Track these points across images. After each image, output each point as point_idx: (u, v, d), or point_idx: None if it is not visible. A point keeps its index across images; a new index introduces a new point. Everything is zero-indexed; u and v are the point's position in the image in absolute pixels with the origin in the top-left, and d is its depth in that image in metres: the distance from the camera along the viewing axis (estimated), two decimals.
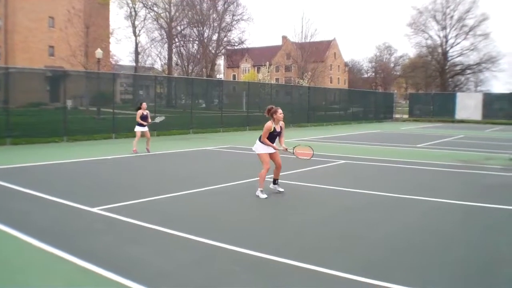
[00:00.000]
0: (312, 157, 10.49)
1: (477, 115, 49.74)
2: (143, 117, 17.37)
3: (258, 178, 9.89)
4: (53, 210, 8.43)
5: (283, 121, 9.98)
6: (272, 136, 9.85)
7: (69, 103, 24.60)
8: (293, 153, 10.37)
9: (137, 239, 6.71)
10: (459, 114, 50.49)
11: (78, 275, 5.33)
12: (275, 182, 10.31)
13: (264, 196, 9.62)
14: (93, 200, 9.04)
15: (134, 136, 17.44)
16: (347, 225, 7.79)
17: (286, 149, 9.98)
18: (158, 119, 18.41)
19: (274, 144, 9.90)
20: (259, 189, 9.78)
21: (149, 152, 17.30)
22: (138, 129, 17.38)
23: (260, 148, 9.94)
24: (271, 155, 9.98)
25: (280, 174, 10.37)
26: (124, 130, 24.07)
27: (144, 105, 17.64)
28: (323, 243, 6.74)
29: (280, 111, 9.84)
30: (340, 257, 6.09)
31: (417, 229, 7.59)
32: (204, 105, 35.98)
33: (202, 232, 6.96)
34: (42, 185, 10.61)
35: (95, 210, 8.29)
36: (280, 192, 10.15)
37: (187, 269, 5.54)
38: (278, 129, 9.85)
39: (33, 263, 5.79)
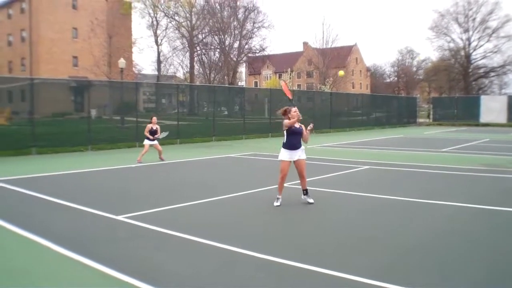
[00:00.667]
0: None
1: (502, 118, 49.04)
2: (152, 132, 17.27)
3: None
4: (77, 218, 8.53)
5: (300, 122, 9.62)
6: (294, 135, 9.49)
7: (93, 112, 24.91)
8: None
9: (160, 246, 6.76)
10: (484, 118, 49.86)
11: (102, 282, 5.39)
12: (304, 193, 9.82)
13: (277, 204, 9.44)
14: (117, 208, 9.14)
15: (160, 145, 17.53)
16: (368, 230, 7.75)
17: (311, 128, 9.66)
18: (162, 135, 18.32)
19: (301, 147, 9.61)
20: (277, 196, 9.65)
21: (164, 160, 17.38)
22: (146, 142, 17.29)
23: (281, 155, 9.60)
24: (295, 163, 9.58)
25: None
26: None
27: (155, 119, 17.58)
28: (345, 248, 6.73)
29: (294, 109, 9.46)
30: (361, 263, 6.06)
31: (439, 233, 7.51)
32: (226, 113, 36.11)
33: (224, 238, 6.99)
34: (67, 194, 10.74)
35: (119, 218, 8.38)
36: (310, 203, 9.66)
37: (210, 276, 5.58)
38: (297, 126, 9.48)
39: (57, 270, 5.87)
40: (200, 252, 6.49)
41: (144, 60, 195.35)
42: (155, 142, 17.38)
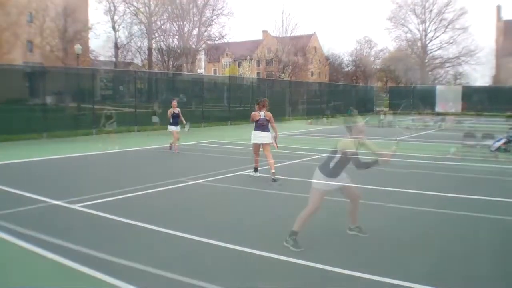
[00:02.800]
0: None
1: (457, 107, 50.12)
2: (174, 116, 16.59)
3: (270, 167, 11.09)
4: (33, 208, 8.35)
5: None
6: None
7: (49, 99, 24.34)
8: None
9: (118, 236, 6.69)
10: (439, 107, 50.82)
11: (59, 273, 5.31)
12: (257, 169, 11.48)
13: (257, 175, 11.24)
14: (74, 197, 8.98)
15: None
16: (324, 217, 7.83)
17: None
18: (186, 128, 17.80)
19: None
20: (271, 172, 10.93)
21: (176, 151, 16.53)
22: (170, 128, 16.67)
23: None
24: (263, 146, 11.34)
25: (260, 168, 10.81)
26: None
27: (175, 103, 16.95)
28: (303, 235, 6.77)
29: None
30: (323, 250, 6.13)
31: (395, 220, 7.67)
32: (185, 100, 35.81)
33: (184, 227, 6.96)
34: (22, 183, 10.51)
35: (76, 207, 8.25)
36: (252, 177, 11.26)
37: (169, 266, 5.54)
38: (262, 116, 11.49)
39: (13, 261, 5.75)
40: (160, 242, 6.46)
41: (101, 46, 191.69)
42: (178, 128, 16.70)
